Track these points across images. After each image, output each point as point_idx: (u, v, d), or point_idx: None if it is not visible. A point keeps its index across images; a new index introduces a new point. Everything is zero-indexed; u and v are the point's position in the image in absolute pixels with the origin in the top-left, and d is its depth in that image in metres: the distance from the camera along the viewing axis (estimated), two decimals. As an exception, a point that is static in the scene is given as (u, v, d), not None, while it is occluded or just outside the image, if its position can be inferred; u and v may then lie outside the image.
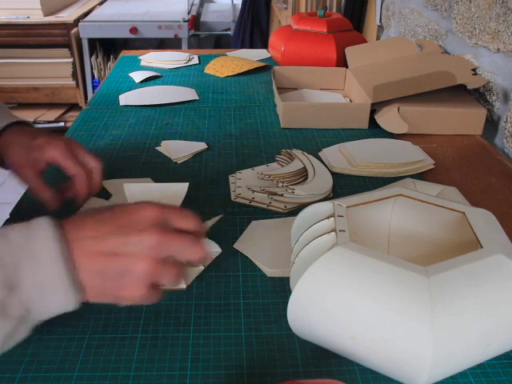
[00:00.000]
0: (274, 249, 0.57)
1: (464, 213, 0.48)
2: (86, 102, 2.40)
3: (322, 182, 0.69)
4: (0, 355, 0.44)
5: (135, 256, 0.38)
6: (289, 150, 0.77)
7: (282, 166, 0.75)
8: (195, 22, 2.98)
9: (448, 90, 0.89)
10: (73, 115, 2.82)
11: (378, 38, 1.57)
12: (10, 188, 2.39)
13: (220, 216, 0.60)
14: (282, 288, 0.53)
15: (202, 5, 3.58)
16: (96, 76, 2.82)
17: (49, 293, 0.37)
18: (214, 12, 3.44)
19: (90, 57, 2.79)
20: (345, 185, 0.72)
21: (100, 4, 3.20)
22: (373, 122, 0.90)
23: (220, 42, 3.45)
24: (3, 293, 0.36)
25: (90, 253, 0.38)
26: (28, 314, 0.37)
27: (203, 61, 1.31)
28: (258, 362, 0.44)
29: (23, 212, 0.65)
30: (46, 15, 2.72)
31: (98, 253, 0.38)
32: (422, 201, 0.50)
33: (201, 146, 0.82)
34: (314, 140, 0.86)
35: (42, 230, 0.38)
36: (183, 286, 0.52)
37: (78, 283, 0.38)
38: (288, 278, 0.52)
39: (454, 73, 0.86)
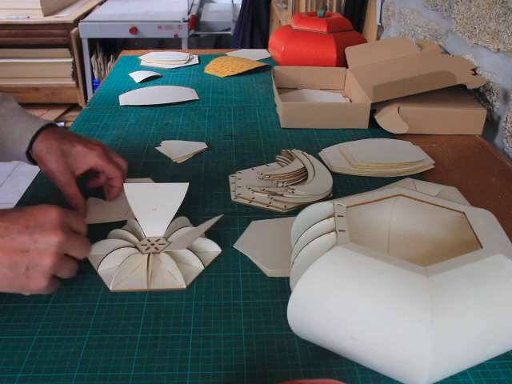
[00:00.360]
0: (274, 249, 0.57)
1: (464, 213, 0.48)
2: (86, 102, 2.40)
3: (321, 182, 0.69)
4: (0, 355, 0.44)
5: (42, 252, 0.45)
6: (289, 150, 0.77)
7: (282, 165, 0.75)
8: (195, 22, 2.98)
9: (448, 89, 0.89)
10: (73, 115, 2.83)
11: (378, 38, 1.57)
12: (10, 188, 2.39)
13: (220, 216, 0.60)
14: (282, 288, 0.53)
15: (202, 5, 3.59)
16: (96, 76, 2.82)
17: None
18: (214, 12, 3.44)
19: (90, 57, 2.79)
20: (345, 185, 0.72)
21: (100, 4, 3.20)
22: (373, 122, 0.90)
23: (220, 42, 3.45)
24: None
25: (1, 249, 0.44)
26: None
27: (203, 61, 1.31)
28: (257, 362, 0.44)
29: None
30: (46, 15, 2.72)
31: (8, 249, 0.44)
32: (422, 201, 0.50)
33: (201, 145, 0.82)
34: (314, 140, 0.86)
35: None
36: (183, 285, 0.52)
37: None
38: (288, 278, 0.52)
39: (454, 73, 0.86)
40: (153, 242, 0.57)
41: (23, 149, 0.61)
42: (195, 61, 1.30)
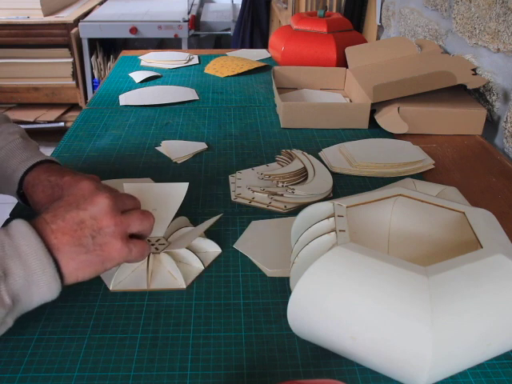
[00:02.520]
0: (274, 249, 0.57)
1: (464, 213, 0.48)
2: (86, 102, 2.40)
3: (321, 182, 0.69)
4: (0, 355, 0.44)
5: (96, 216, 0.45)
6: (289, 150, 0.77)
7: (282, 165, 0.75)
8: (195, 22, 2.98)
9: (448, 89, 0.89)
10: (73, 115, 2.83)
11: (378, 38, 1.57)
12: (10, 188, 2.38)
13: (220, 215, 0.60)
14: (282, 288, 0.53)
15: (202, 5, 3.59)
16: (96, 76, 2.82)
17: (34, 282, 0.41)
18: (214, 12, 3.44)
19: (90, 57, 2.79)
20: (345, 185, 0.72)
21: (100, 4, 3.20)
22: (373, 122, 0.90)
23: (220, 42, 3.45)
24: None
25: (61, 232, 0.43)
26: (15, 304, 0.41)
27: (203, 61, 1.31)
28: (258, 362, 0.44)
29: (23, 212, 0.65)
30: (46, 15, 2.72)
31: (65, 229, 0.44)
32: (422, 201, 0.50)
33: (201, 145, 0.82)
34: (314, 140, 0.86)
35: (19, 228, 0.42)
36: (183, 285, 0.52)
37: (59, 270, 0.43)
38: (288, 278, 0.52)
39: (454, 73, 0.86)
40: (153, 242, 0.57)
41: (14, 188, 0.57)
42: (195, 61, 1.30)
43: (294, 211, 0.64)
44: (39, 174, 0.56)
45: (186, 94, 1.05)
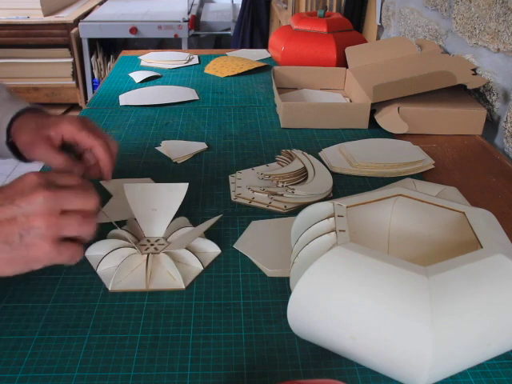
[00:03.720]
0: (274, 249, 0.57)
1: (464, 213, 0.48)
2: (86, 102, 2.40)
3: (321, 182, 0.69)
4: (0, 355, 0.44)
5: (29, 215, 0.41)
6: (289, 150, 0.77)
7: (282, 165, 0.75)
8: (195, 22, 2.98)
9: (448, 89, 0.89)
10: (73, 115, 2.82)
11: (378, 38, 1.57)
12: (10, 188, 2.38)
13: (219, 216, 0.60)
14: (282, 288, 0.53)
15: (202, 5, 3.59)
16: (96, 76, 2.82)
17: None
18: (214, 12, 3.44)
19: (90, 57, 2.79)
20: (345, 185, 0.72)
21: (100, 4, 3.20)
22: (373, 122, 0.90)
23: (220, 42, 3.45)
24: None
25: None
26: None
27: (203, 61, 1.31)
28: (258, 362, 0.44)
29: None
30: (46, 15, 2.72)
31: None
32: (422, 201, 0.50)
33: (201, 145, 0.82)
34: (314, 140, 0.86)
35: None
36: (182, 286, 0.52)
37: None
38: (288, 278, 0.52)
39: (454, 73, 0.86)
40: (152, 243, 0.57)
41: (3, 139, 0.56)
42: (195, 61, 1.30)
43: (294, 211, 0.64)
44: (26, 118, 0.56)
45: (186, 94, 1.05)
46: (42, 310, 0.49)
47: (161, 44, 3.21)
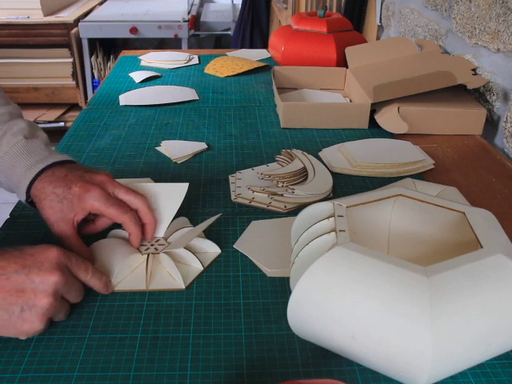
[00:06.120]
0: (274, 249, 0.57)
1: (464, 213, 0.48)
2: (86, 102, 2.39)
3: (321, 182, 0.69)
4: (0, 355, 0.44)
5: (38, 293, 0.43)
6: (289, 150, 0.77)
7: (282, 166, 0.75)
8: (195, 22, 2.98)
9: (448, 89, 0.89)
10: (73, 115, 2.82)
11: (378, 38, 1.57)
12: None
13: (219, 215, 0.60)
14: (282, 288, 0.53)
15: (201, 5, 3.58)
16: (96, 76, 2.82)
17: None
18: (214, 12, 3.44)
19: (90, 57, 2.79)
20: (345, 185, 0.72)
21: (100, 4, 3.20)
22: (373, 121, 0.90)
23: (220, 42, 3.45)
24: None
25: None
26: None
27: (203, 61, 1.31)
28: (258, 362, 0.44)
29: (23, 212, 0.65)
30: (45, 15, 2.72)
31: (2, 288, 0.42)
32: (422, 201, 0.50)
33: (201, 146, 0.82)
34: (314, 140, 0.86)
35: None
36: (182, 286, 0.52)
37: None
38: (288, 278, 0.52)
39: (454, 73, 0.86)
40: (152, 243, 0.57)
41: (23, 198, 0.56)
42: (195, 61, 1.30)
43: (294, 211, 0.64)
44: (44, 186, 0.54)
45: (186, 94, 1.05)
46: (42, 310, 0.49)
47: (161, 44, 3.21)
